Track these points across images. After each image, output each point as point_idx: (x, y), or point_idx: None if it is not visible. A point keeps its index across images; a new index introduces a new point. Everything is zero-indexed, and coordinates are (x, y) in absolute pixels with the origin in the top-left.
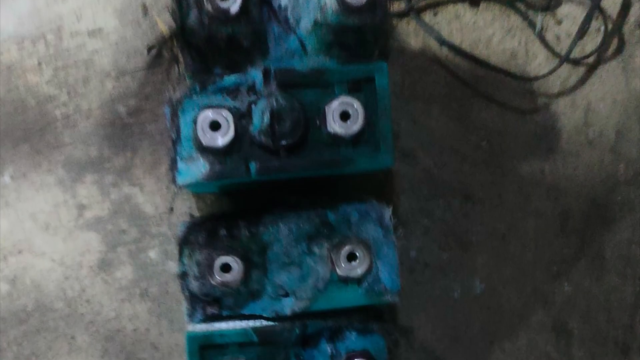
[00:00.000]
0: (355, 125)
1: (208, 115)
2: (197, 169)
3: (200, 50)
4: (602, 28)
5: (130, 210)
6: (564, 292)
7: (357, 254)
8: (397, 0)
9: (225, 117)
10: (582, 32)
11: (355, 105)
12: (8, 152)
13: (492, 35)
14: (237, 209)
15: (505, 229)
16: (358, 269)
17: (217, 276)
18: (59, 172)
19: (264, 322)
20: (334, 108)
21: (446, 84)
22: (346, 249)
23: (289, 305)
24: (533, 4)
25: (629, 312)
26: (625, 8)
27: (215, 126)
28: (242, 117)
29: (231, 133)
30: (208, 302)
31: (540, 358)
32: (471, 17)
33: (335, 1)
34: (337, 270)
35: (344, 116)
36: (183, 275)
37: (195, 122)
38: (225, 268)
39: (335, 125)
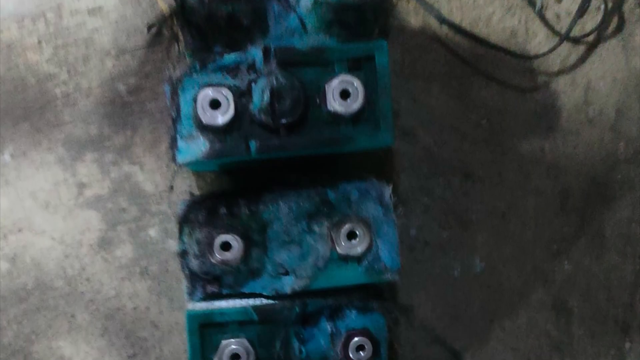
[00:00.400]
0: (355, 103)
1: (208, 93)
2: (197, 147)
3: (200, 29)
4: (602, 6)
5: (130, 189)
6: (564, 271)
7: (357, 233)
8: None
9: (225, 96)
10: (582, 10)
11: (355, 84)
12: (8, 131)
13: (492, 14)
14: (237, 188)
15: (505, 208)
16: (358, 247)
17: (217, 254)
18: (59, 150)
19: (264, 301)
20: (334, 86)
21: (446, 62)
22: (346, 227)
23: (289, 284)
24: None
25: (629, 290)
26: None
27: (215, 104)
28: (242, 96)
29: (231, 111)
30: (208, 280)
31: (540, 336)
32: None
33: None
34: (337, 248)
35: (344, 94)
36: (183, 254)
37: (195, 100)
38: (225, 246)
39: (335, 104)
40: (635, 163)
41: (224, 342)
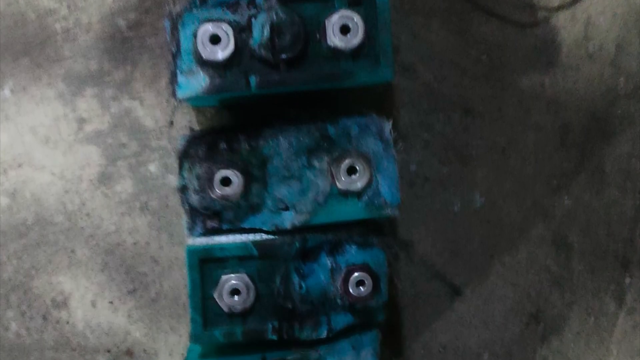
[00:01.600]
0: (355, 38)
1: (208, 28)
2: (197, 82)
3: None
4: None
5: (130, 124)
6: (564, 206)
7: (357, 168)
8: None
9: (225, 31)
10: None
11: (355, 19)
12: (8, 66)
13: None
14: (237, 123)
15: (505, 143)
16: (358, 182)
17: (217, 190)
18: (59, 85)
19: (264, 236)
20: (334, 22)
21: None
22: (346, 162)
23: (289, 219)
24: None
25: (629, 225)
26: None
27: (215, 40)
28: (242, 31)
29: (231, 47)
30: (208, 215)
31: (540, 271)
32: None
33: None
34: (337, 183)
35: (344, 30)
36: (183, 189)
37: (195, 35)
38: (225, 181)
39: (335, 39)
40: (635, 98)
41: (223, 277)
